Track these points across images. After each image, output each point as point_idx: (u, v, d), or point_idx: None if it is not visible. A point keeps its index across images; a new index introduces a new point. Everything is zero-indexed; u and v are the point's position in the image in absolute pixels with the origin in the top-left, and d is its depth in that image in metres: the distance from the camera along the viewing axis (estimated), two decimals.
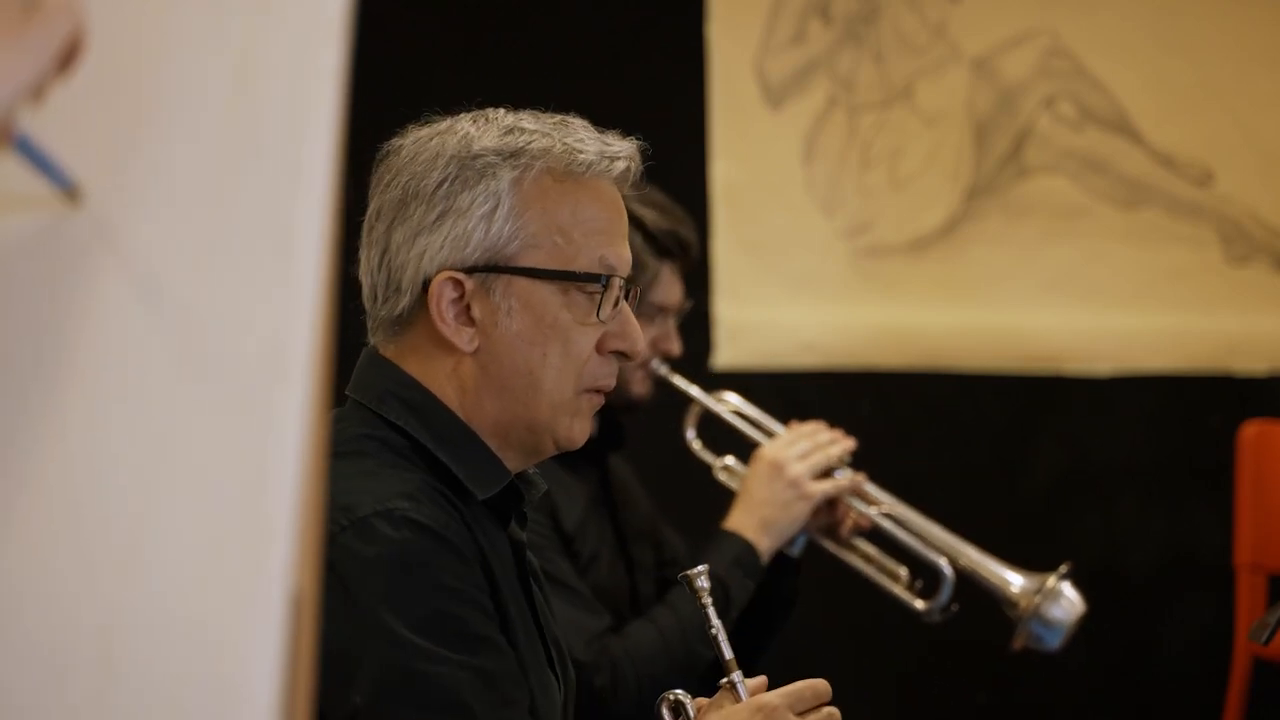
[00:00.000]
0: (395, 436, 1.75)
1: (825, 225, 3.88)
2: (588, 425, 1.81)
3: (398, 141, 1.80)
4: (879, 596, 2.75)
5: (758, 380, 3.67)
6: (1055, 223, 3.93)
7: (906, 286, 3.89)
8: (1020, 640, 2.68)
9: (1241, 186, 3.97)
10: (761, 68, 3.85)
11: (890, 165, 3.90)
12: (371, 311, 1.79)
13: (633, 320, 1.81)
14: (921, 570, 2.74)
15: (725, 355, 3.81)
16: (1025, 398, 3.94)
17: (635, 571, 2.74)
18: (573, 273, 1.76)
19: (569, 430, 1.79)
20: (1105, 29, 3.94)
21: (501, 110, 1.81)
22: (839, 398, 3.80)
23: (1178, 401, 3.96)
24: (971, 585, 2.72)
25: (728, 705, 1.79)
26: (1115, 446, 3.97)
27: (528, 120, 1.79)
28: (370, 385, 1.78)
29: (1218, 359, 3.96)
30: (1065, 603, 2.68)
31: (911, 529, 2.74)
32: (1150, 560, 3.95)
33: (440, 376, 1.77)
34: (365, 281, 1.80)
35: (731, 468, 2.82)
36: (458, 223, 1.74)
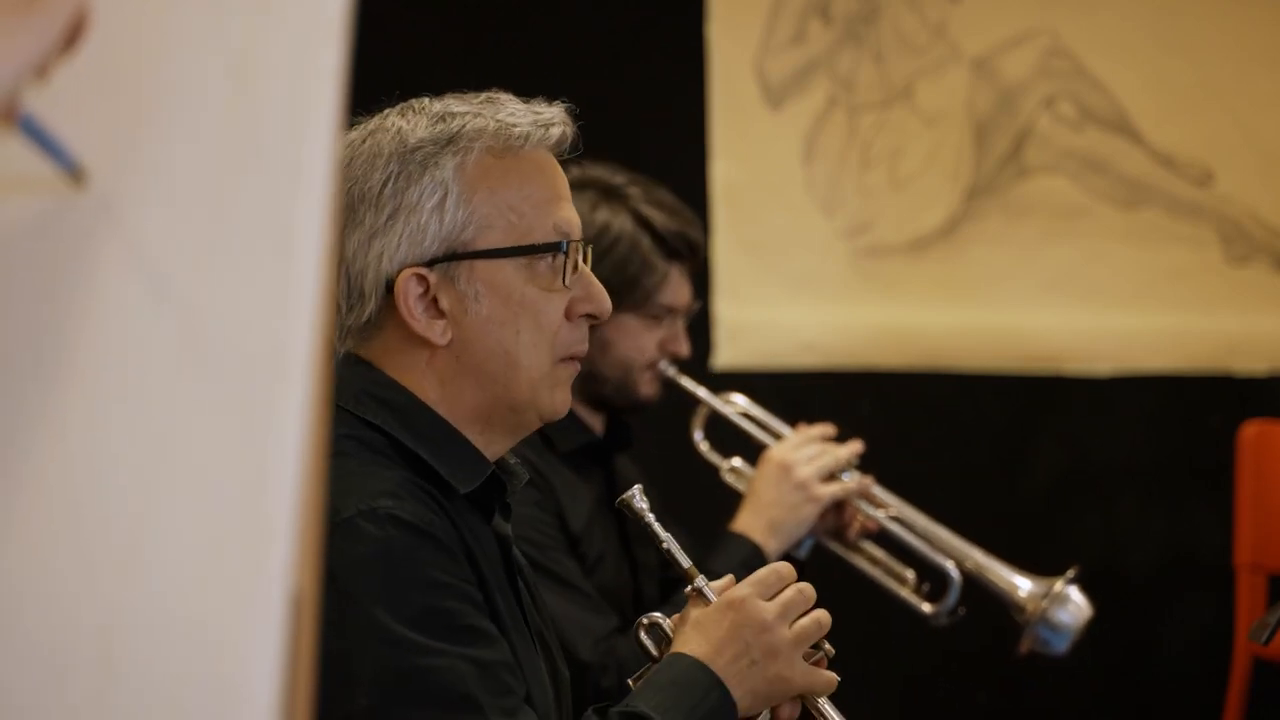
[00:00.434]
0: (374, 436, 1.75)
1: (825, 225, 3.87)
2: (568, 395, 1.82)
3: None
4: (884, 599, 2.75)
5: (758, 380, 3.66)
6: (1055, 223, 3.93)
7: (906, 286, 3.88)
8: (1027, 644, 2.68)
9: (1241, 186, 3.97)
10: (761, 68, 3.85)
11: (890, 165, 3.90)
12: (338, 321, 1.79)
13: (595, 281, 1.82)
14: (929, 573, 2.74)
15: (725, 355, 3.81)
16: (1025, 398, 3.94)
17: (639, 573, 2.74)
18: (533, 245, 1.77)
19: (551, 402, 1.80)
20: (1105, 29, 3.94)
21: (426, 98, 1.81)
22: (839, 398, 3.80)
23: (1178, 401, 3.96)
24: (977, 588, 2.72)
25: (698, 610, 1.79)
26: (1115, 446, 3.97)
27: (455, 103, 1.80)
28: (347, 387, 1.78)
29: (1218, 359, 3.95)
30: (1073, 607, 2.68)
31: (919, 532, 2.74)
32: (1150, 560, 3.95)
33: (417, 372, 1.77)
34: None
35: (739, 469, 2.82)
36: (410, 219, 1.74)
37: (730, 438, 2.86)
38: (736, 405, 2.85)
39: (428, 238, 1.75)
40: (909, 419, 3.92)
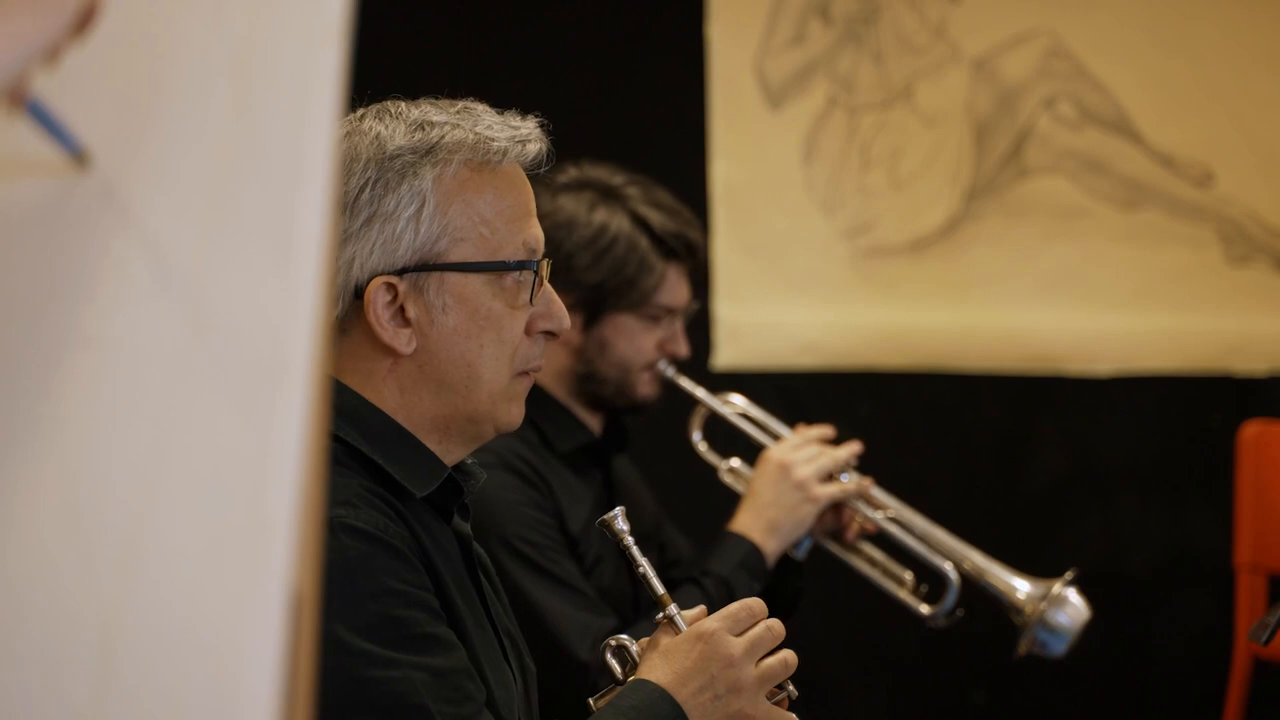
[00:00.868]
0: (329, 443, 1.74)
1: (825, 225, 3.87)
2: (523, 408, 1.83)
3: None
4: (882, 600, 2.75)
5: (757, 381, 3.67)
6: (1055, 223, 3.93)
7: (906, 287, 3.89)
8: (1025, 646, 2.68)
9: (1241, 187, 3.97)
10: (761, 68, 3.85)
11: (890, 165, 3.90)
12: None
13: (556, 298, 1.83)
14: (927, 575, 2.74)
15: (725, 355, 3.81)
16: (1025, 398, 3.94)
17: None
18: (505, 263, 1.78)
19: (508, 414, 1.81)
20: (1105, 29, 3.94)
21: (402, 102, 1.81)
22: (839, 398, 3.81)
23: (1178, 401, 3.96)
24: (976, 590, 2.72)
25: (667, 638, 1.80)
26: (1115, 446, 3.97)
27: (432, 112, 1.79)
28: None
29: (1218, 359, 3.95)
30: (1071, 609, 2.68)
31: (917, 533, 2.74)
32: (1150, 560, 3.95)
33: (378, 379, 1.77)
34: None
35: (737, 470, 2.82)
36: (386, 226, 1.74)
37: (729, 438, 2.86)
38: (735, 405, 2.85)
39: (401, 247, 1.75)
40: (909, 419, 3.92)
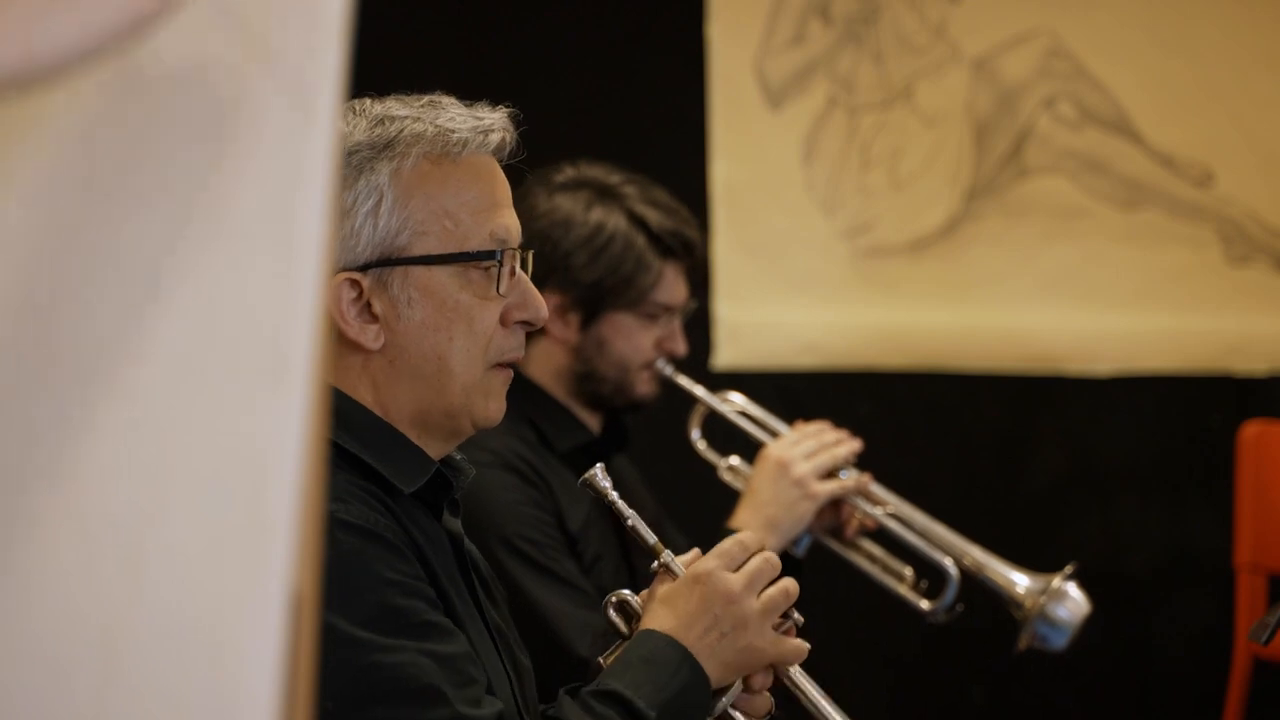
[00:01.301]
0: None
1: (825, 225, 3.87)
2: (503, 403, 1.82)
3: None
4: (881, 595, 2.75)
5: (757, 380, 3.66)
6: (1055, 223, 3.93)
7: (906, 287, 3.88)
8: (1025, 641, 2.68)
9: (1241, 187, 3.97)
10: (761, 68, 3.85)
11: (890, 165, 3.90)
12: None
13: (532, 288, 1.82)
14: (927, 571, 2.74)
15: (725, 355, 3.81)
16: (1025, 398, 3.94)
17: (637, 573, 2.74)
18: (467, 254, 1.77)
19: (485, 409, 1.80)
20: (1105, 29, 3.94)
21: (369, 100, 1.81)
22: (839, 398, 3.80)
23: (1178, 401, 3.96)
24: (975, 585, 2.73)
25: (666, 586, 1.80)
26: (1115, 446, 3.97)
27: (396, 107, 1.79)
28: None
29: (1218, 359, 3.95)
30: (1071, 603, 2.68)
31: (917, 529, 2.74)
32: (1150, 560, 3.95)
33: (352, 377, 1.77)
34: None
35: (736, 467, 2.82)
36: (344, 223, 1.74)
37: (728, 436, 2.86)
38: (734, 404, 2.85)
39: (361, 243, 1.75)
40: (909, 419, 3.92)
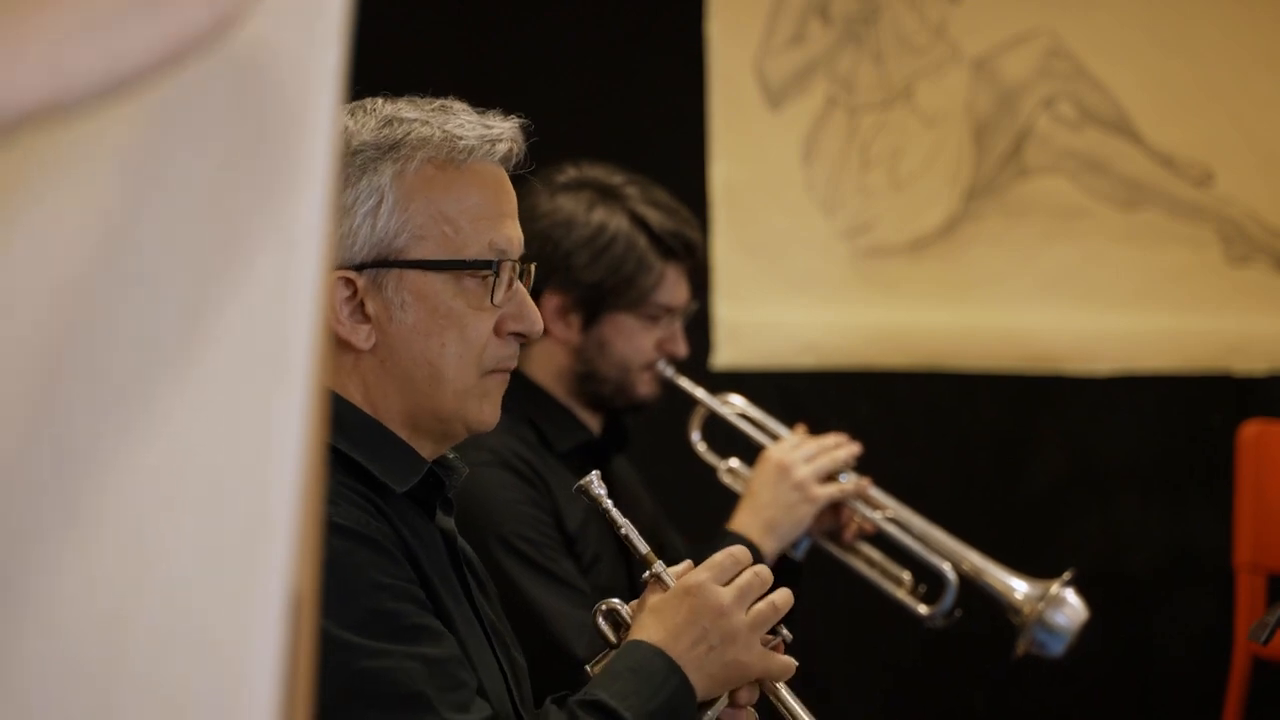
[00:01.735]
0: None
1: (825, 225, 3.87)
2: (497, 407, 1.82)
3: None
4: (880, 600, 2.75)
5: (757, 380, 3.66)
6: (1055, 223, 3.93)
7: (906, 286, 3.88)
8: (1023, 646, 2.68)
9: (1241, 186, 3.97)
10: (761, 68, 3.85)
11: (890, 165, 3.90)
12: None
13: (528, 300, 1.81)
14: (925, 575, 2.74)
15: (725, 355, 3.81)
16: (1025, 398, 3.94)
17: (636, 573, 2.74)
18: (463, 261, 1.76)
19: (479, 413, 1.80)
20: (1105, 29, 3.94)
21: (380, 100, 1.80)
22: (838, 398, 3.80)
23: (1178, 401, 3.96)
24: (974, 590, 2.73)
25: (656, 596, 1.80)
26: (1115, 446, 3.97)
27: (406, 109, 1.79)
28: None
29: (1218, 359, 3.95)
30: (1069, 610, 2.68)
31: (916, 534, 2.74)
32: (1150, 560, 3.95)
33: (342, 376, 1.77)
34: None
35: (736, 470, 2.82)
36: (343, 221, 1.74)
37: (728, 438, 2.85)
38: (734, 406, 2.85)
39: (358, 242, 1.74)
40: (908, 419, 3.92)
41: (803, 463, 2.66)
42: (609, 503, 1.85)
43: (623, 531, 1.84)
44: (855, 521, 2.73)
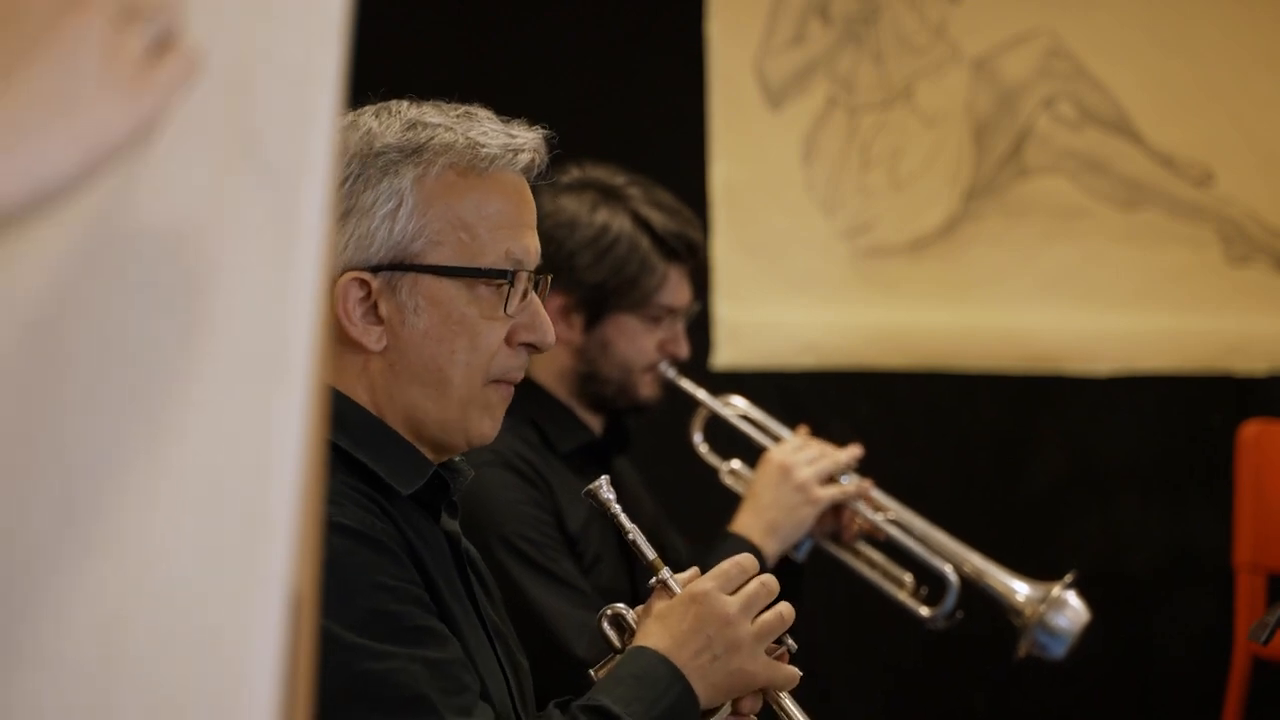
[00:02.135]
0: None
1: (825, 225, 3.88)
2: (498, 422, 1.81)
3: None
4: (881, 601, 2.75)
5: (757, 380, 3.67)
6: (1055, 223, 3.93)
7: (906, 286, 3.89)
8: (1024, 649, 2.68)
9: (1241, 186, 3.97)
10: (761, 68, 3.85)
11: (890, 165, 3.90)
12: None
13: (542, 312, 1.81)
14: (927, 577, 2.74)
15: (725, 355, 3.81)
16: (1025, 398, 3.94)
17: (637, 574, 2.74)
18: (478, 269, 1.76)
19: (480, 426, 1.79)
20: (1105, 29, 3.94)
21: (405, 102, 1.80)
22: (839, 398, 3.81)
23: (1178, 401, 3.96)
24: (975, 592, 2.73)
25: (662, 603, 1.80)
26: (1115, 446, 3.97)
27: (431, 114, 1.78)
28: None
29: (1218, 359, 3.95)
30: (1070, 612, 2.68)
31: (917, 535, 2.74)
32: (1150, 560, 3.95)
33: (350, 376, 1.76)
34: None
35: (738, 471, 2.82)
36: (361, 222, 1.73)
37: (730, 440, 2.85)
38: (736, 408, 2.85)
39: (375, 244, 1.74)
40: (909, 419, 3.92)
41: (805, 464, 2.66)
42: (618, 508, 1.85)
43: (630, 538, 1.84)
44: (857, 523, 2.73)
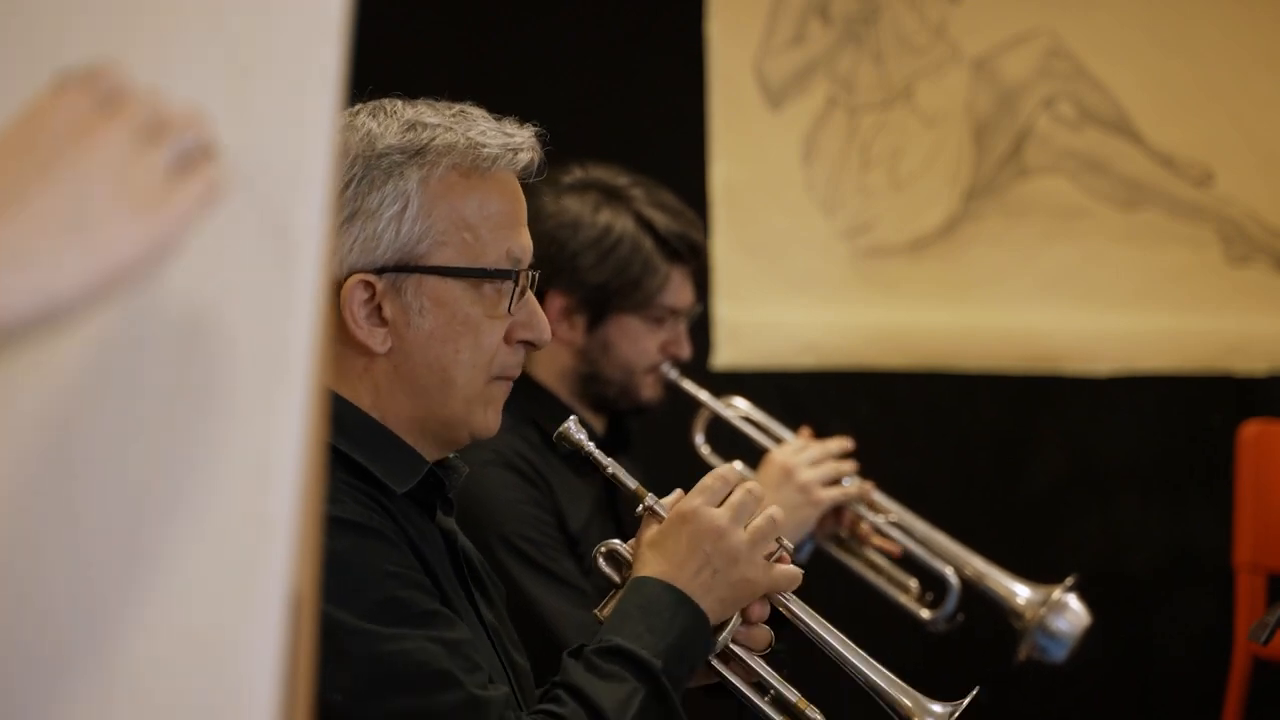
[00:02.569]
0: None
1: (825, 225, 3.88)
2: (499, 414, 1.82)
3: None
4: (882, 604, 2.75)
5: (757, 380, 3.67)
6: (1055, 223, 3.93)
7: (906, 286, 3.89)
8: (1025, 652, 2.68)
9: (1241, 186, 3.97)
10: (761, 68, 3.85)
11: (890, 165, 3.90)
12: None
13: (538, 309, 1.82)
14: (928, 579, 2.74)
15: (725, 355, 3.81)
16: (1025, 398, 3.94)
17: None
18: (484, 270, 1.77)
19: (483, 420, 1.80)
20: (1105, 29, 3.94)
21: (399, 101, 1.81)
22: (839, 398, 3.80)
23: (1178, 401, 3.96)
24: (976, 594, 2.73)
25: (652, 530, 1.80)
26: (1115, 446, 3.97)
27: (428, 113, 1.79)
28: None
29: (1218, 359, 3.95)
30: (1071, 615, 2.68)
31: (918, 538, 2.74)
32: (1150, 560, 3.95)
33: (353, 377, 1.77)
34: None
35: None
36: (367, 224, 1.74)
37: (731, 441, 2.85)
38: (738, 409, 2.85)
39: (381, 245, 1.74)
40: (908, 419, 3.92)
41: (806, 466, 2.66)
42: (590, 445, 1.86)
43: (609, 470, 1.85)
44: (858, 525, 2.73)
